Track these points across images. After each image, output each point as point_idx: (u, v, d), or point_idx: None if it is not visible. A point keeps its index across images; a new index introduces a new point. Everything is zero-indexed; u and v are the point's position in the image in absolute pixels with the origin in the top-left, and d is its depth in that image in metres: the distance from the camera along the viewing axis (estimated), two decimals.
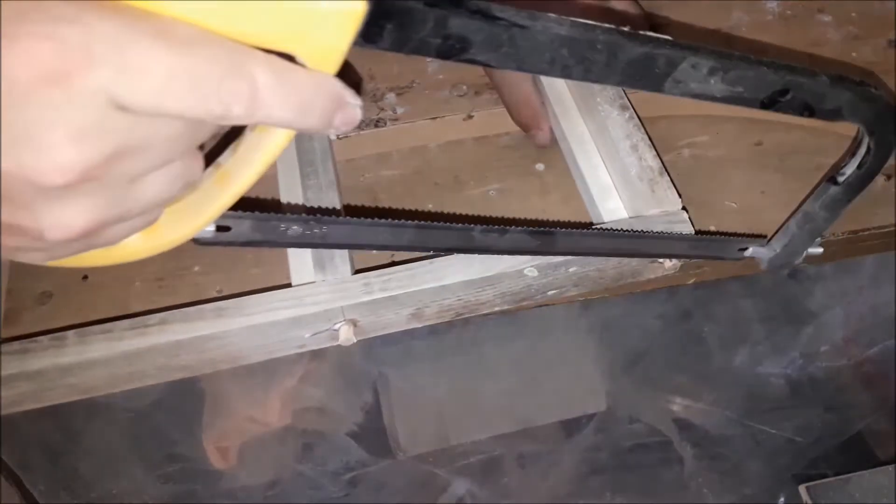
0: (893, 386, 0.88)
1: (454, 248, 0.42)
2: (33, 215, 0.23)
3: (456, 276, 0.44)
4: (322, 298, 0.43)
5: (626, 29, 0.29)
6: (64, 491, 0.77)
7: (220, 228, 0.34)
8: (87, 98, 0.21)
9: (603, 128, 0.52)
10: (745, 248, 0.47)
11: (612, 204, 0.50)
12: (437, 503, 0.92)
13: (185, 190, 0.27)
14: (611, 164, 0.52)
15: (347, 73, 0.26)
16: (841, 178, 0.41)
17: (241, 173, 0.28)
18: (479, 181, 0.55)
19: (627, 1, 0.57)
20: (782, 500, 0.93)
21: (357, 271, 0.45)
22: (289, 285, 0.44)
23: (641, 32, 0.29)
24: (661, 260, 0.46)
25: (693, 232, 0.47)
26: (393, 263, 0.46)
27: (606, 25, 0.29)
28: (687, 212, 0.48)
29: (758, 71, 0.32)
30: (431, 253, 0.45)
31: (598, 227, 0.49)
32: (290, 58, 0.24)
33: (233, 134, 0.28)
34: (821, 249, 0.47)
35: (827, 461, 0.92)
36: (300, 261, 0.45)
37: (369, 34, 0.24)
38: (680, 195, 0.49)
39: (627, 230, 0.46)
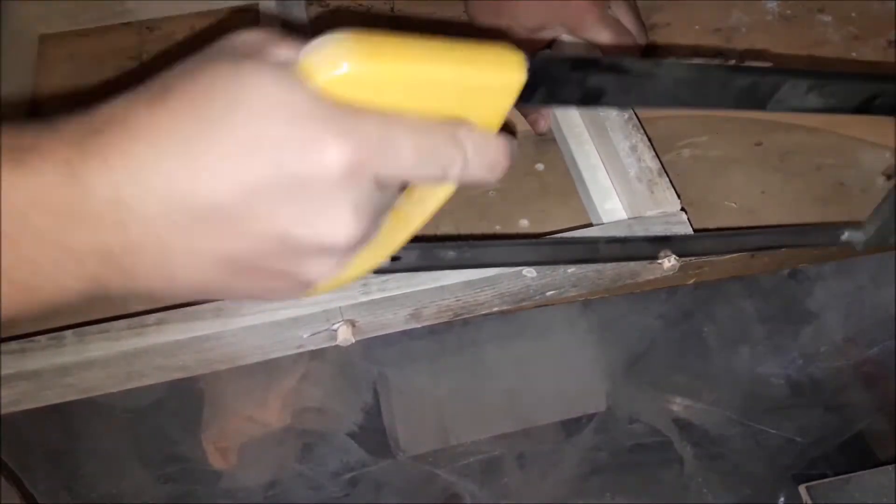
0: (893, 386, 0.88)
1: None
2: (303, 266, 0.29)
3: (454, 276, 0.44)
4: (320, 298, 0.43)
5: (733, 63, 0.33)
6: (64, 491, 0.77)
7: (392, 259, 0.38)
8: (365, 180, 0.27)
9: (602, 128, 0.52)
10: (842, 233, 0.48)
11: (611, 205, 0.50)
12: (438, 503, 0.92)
13: None
14: (610, 164, 0.52)
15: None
16: None
17: (415, 215, 0.33)
18: None
19: (629, 18, 0.57)
20: (782, 500, 0.93)
21: None
22: None
23: (747, 64, 0.33)
24: (659, 260, 0.46)
25: (692, 232, 0.47)
26: None
27: (717, 63, 0.33)
28: (686, 213, 0.48)
29: (849, 84, 0.36)
30: None
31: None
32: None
33: None
34: None
35: (827, 461, 0.92)
36: None
37: (524, 95, 0.29)
38: (679, 196, 0.49)
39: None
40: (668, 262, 0.46)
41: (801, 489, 0.79)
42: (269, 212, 0.26)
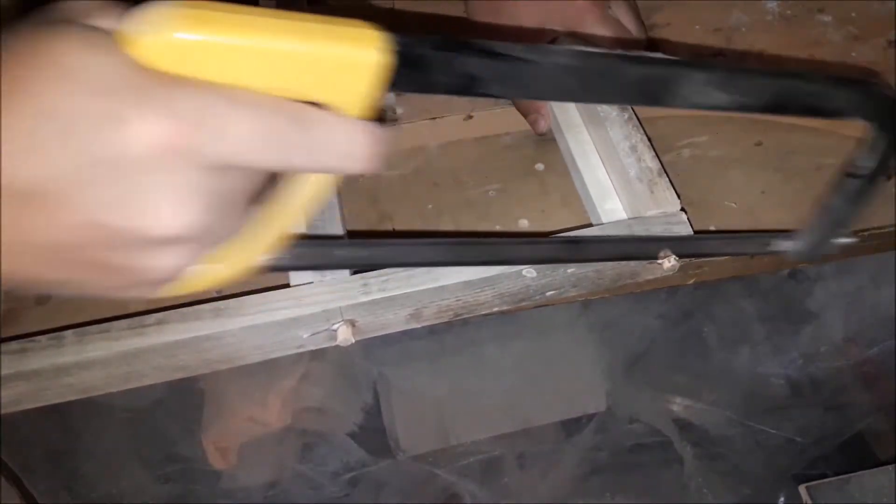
0: (893, 386, 0.88)
1: (490, 261, 0.44)
2: (136, 260, 0.26)
3: (454, 276, 0.44)
4: (320, 299, 0.43)
5: (625, 53, 0.30)
6: (64, 491, 0.77)
7: (275, 257, 0.36)
8: (190, 162, 0.24)
9: (602, 128, 0.52)
10: (770, 244, 0.48)
11: (610, 205, 0.50)
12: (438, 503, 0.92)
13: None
14: (610, 164, 0.52)
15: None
16: (857, 171, 0.42)
17: (288, 208, 0.30)
18: (479, 181, 0.55)
19: (629, 18, 0.57)
20: (782, 500, 0.93)
21: (355, 271, 0.45)
22: (287, 285, 0.44)
23: (640, 54, 0.31)
24: (659, 260, 0.46)
25: (692, 232, 0.47)
26: None
27: (605, 51, 0.30)
28: (686, 213, 0.48)
29: (756, 80, 0.33)
30: None
31: (596, 231, 0.49)
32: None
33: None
34: (853, 239, 0.48)
35: (827, 461, 0.92)
36: None
37: (390, 80, 0.26)
38: (679, 196, 0.49)
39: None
40: (668, 262, 0.46)
41: (801, 489, 0.79)
42: (80, 197, 0.24)
